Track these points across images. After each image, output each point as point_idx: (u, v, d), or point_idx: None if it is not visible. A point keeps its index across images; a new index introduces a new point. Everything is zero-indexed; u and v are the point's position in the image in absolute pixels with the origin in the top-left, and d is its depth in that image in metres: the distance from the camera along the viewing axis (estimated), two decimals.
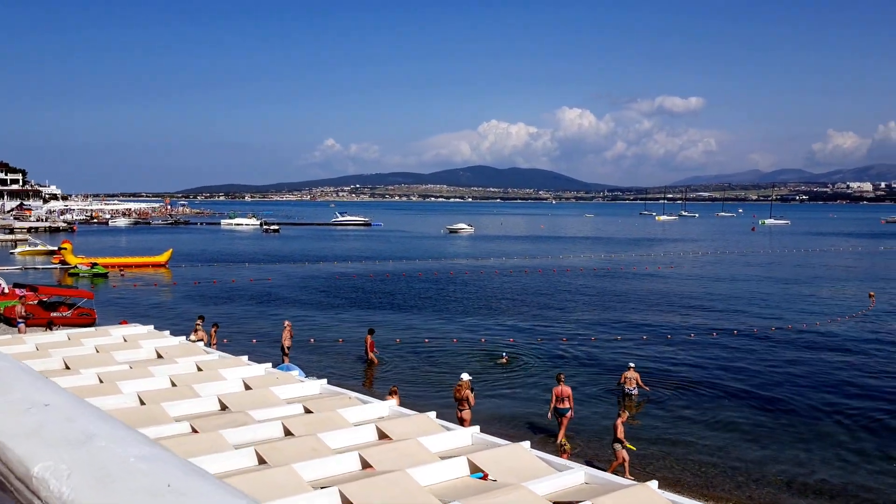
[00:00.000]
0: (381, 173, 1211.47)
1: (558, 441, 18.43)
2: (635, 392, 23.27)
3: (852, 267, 69.00)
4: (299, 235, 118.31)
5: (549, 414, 19.77)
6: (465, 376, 19.09)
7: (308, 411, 8.92)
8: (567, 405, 19.44)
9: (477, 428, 8.30)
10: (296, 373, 14.10)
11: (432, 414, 8.85)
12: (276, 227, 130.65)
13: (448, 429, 8.22)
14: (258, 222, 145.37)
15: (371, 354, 27.58)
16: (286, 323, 28.18)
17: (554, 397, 19.47)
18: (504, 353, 29.04)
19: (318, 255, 76.45)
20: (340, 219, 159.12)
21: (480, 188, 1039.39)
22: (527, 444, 7.77)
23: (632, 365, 24.23)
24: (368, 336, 27.87)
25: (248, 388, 10.18)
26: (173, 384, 10.39)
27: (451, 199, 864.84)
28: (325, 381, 10.76)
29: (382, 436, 8.09)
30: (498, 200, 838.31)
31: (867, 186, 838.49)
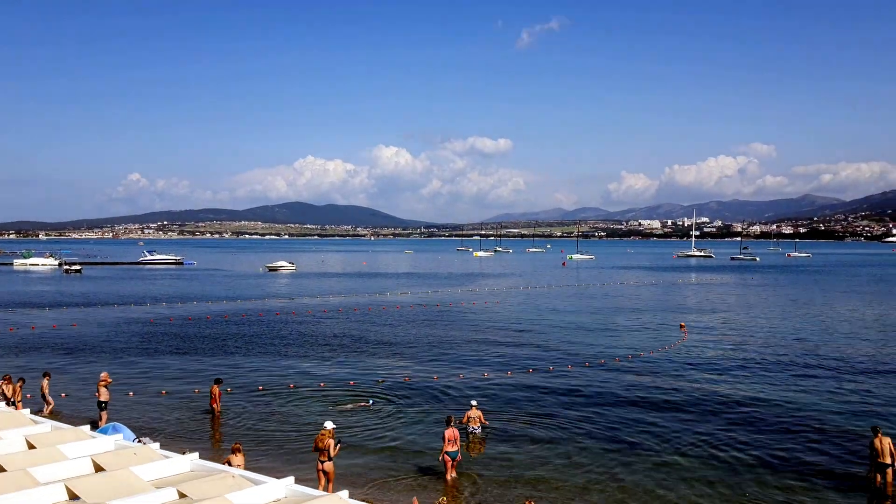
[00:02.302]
0: (191, 210, 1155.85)
1: (449, 478, 18.68)
2: (479, 430, 22.98)
3: (658, 300, 73.96)
4: (105, 276, 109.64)
5: (441, 457, 19.18)
6: (329, 424, 17.84)
7: (183, 496, 7.38)
8: (455, 448, 18.93)
9: None
10: (120, 435, 12.20)
11: (344, 494, 7.61)
12: (79, 267, 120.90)
13: None
14: (57, 262, 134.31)
15: (216, 406, 25.29)
16: (102, 375, 25.31)
17: (445, 440, 18.90)
18: (371, 400, 27.78)
19: (129, 298, 70.88)
20: (149, 258, 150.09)
21: (297, 225, 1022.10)
22: None
23: (474, 403, 23.93)
24: (215, 386, 25.54)
25: (99, 468, 8.35)
26: (2, 468, 8.31)
27: (267, 237, 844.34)
28: (196, 455, 9.14)
29: None
30: (315, 237, 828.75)
31: (656, 224, 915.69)
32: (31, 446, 9.13)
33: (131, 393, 28.88)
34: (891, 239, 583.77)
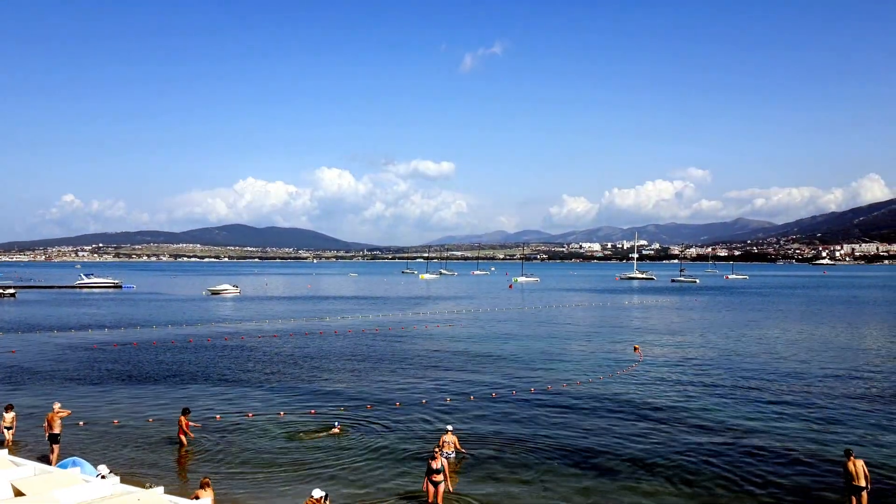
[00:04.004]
0: (127, 232, 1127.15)
1: None
2: (453, 455, 22.63)
3: (608, 322, 74.60)
4: (41, 300, 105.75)
5: (424, 485, 18.81)
6: (318, 493, 15.96)
7: None
8: (441, 477, 18.59)
9: None
10: (116, 479, 11.41)
11: None
12: (12, 290, 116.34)
13: None
14: None
15: (184, 438, 24.26)
16: (55, 406, 24.06)
17: (427, 470, 18.72)
18: (336, 423, 27.11)
19: (69, 323, 68.33)
20: (87, 281, 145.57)
21: (237, 247, 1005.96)
22: None
23: (449, 428, 23.69)
24: (182, 417, 24.51)
25: None
26: None
27: (206, 259, 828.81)
28: (207, 500, 8.50)
29: None
30: (256, 260, 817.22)
31: (596, 246, 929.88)
32: (18, 492, 8.30)
33: (81, 423, 27.57)
34: (821, 261, 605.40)
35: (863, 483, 18.16)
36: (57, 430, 23.24)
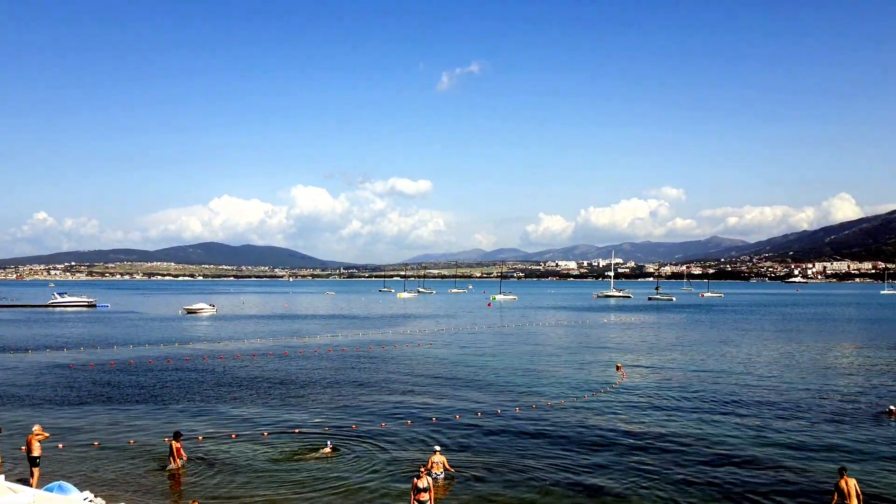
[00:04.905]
0: (100, 250, 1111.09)
1: None
2: (441, 476, 22.52)
3: (588, 340, 74.70)
4: (14, 319, 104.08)
5: None
6: None
7: None
8: (426, 496, 18.52)
9: None
10: (81, 496, 11.13)
11: None
12: None
13: None
14: None
15: (178, 462, 23.82)
16: (35, 428, 23.56)
17: (413, 489, 18.61)
18: (328, 442, 26.86)
19: (43, 342, 67.27)
20: (60, 300, 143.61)
21: (212, 266, 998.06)
22: None
23: (438, 448, 23.56)
24: (174, 441, 24.10)
25: None
26: None
27: (180, 278, 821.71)
28: None
29: None
30: (231, 278, 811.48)
31: (572, 265, 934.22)
32: None
33: (61, 445, 27.05)
34: (793, 279, 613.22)
35: (854, 502, 18.23)
36: (36, 453, 22.74)
